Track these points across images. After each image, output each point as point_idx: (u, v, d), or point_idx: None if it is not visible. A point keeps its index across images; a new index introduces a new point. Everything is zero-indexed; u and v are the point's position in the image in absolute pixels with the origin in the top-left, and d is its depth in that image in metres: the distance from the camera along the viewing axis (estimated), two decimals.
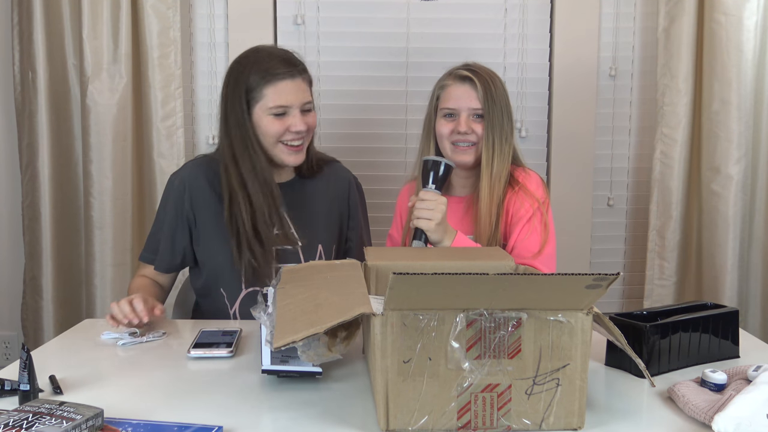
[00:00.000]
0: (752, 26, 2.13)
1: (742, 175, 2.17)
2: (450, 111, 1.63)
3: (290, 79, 1.50)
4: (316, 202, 1.64)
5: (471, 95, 1.61)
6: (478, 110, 1.61)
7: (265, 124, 1.51)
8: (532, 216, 1.59)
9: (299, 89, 1.52)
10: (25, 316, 2.33)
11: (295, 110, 1.51)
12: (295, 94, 1.51)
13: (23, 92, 2.24)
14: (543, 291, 0.89)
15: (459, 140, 1.62)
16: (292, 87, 1.51)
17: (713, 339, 1.22)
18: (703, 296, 2.23)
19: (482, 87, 1.60)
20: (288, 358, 1.10)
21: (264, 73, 1.50)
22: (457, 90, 1.63)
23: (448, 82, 1.65)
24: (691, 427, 0.95)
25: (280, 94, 1.50)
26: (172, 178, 1.63)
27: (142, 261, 1.65)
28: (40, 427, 0.84)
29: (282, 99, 1.50)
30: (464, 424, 0.92)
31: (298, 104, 1.51)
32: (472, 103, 1.61)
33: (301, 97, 1.52)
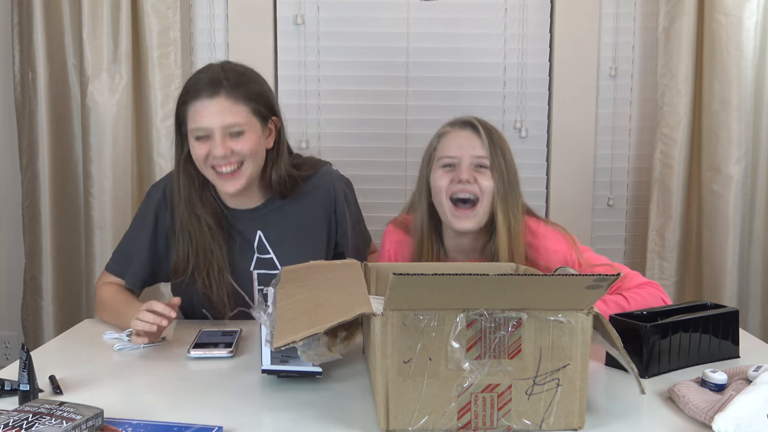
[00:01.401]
0: (752, 26, 2.13)
1: (742, 175, 2.17)
2: (449, 160, 1.43)
3: (208, 99, 1.36)
4: (294, 222, 1.54)
5: (474, 142, 1.42)
6: (482, 158, 1.41)
7: (192, 148, 1.41)
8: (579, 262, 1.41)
9: (221, 110, 1.36)
10: (25, 316, 2.33)
11: (217, 134, 1.36)
12: (213, 116, 1.36)
13: (23, 92, 2.24)
14: (543, 291, 0.89)
15: (459, 191, 1.41)
16: (211, 109, 1.36)
17: (713, 339, 1.22)
18: (703, 296, 2.22)
19: (486, 133, 1.42)
20: (288, 358, 1.10)
21: (187, 92, 1.40)
22: (458, 137, 1.44)
23: (447, 129, 1.48)
24: (691, 427, 0.95)
25: (196, 115, 1.37)
26: (152, 190, 1.57)
27: (110, 273, 1.56)
28: (40, 427, 0.84)
29: (198, 121, 1.37)
30: (464, 424, 0.92)
31: (218, 127, 1.36)
32: (475, 150, 1.41)
33: (220, 118, 1.36)
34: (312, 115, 2.40)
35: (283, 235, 1.54)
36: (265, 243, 1.53)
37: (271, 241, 1.54)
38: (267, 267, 1.54)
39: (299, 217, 1.55)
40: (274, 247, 1.54)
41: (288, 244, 1.53)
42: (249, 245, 1.53)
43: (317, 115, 2.41)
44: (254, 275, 1.54)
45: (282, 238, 1.54)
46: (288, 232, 1.54)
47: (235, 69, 1.42)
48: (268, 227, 1.53)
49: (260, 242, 1.53)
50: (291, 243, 1.53)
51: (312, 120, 2.40)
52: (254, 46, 2.35)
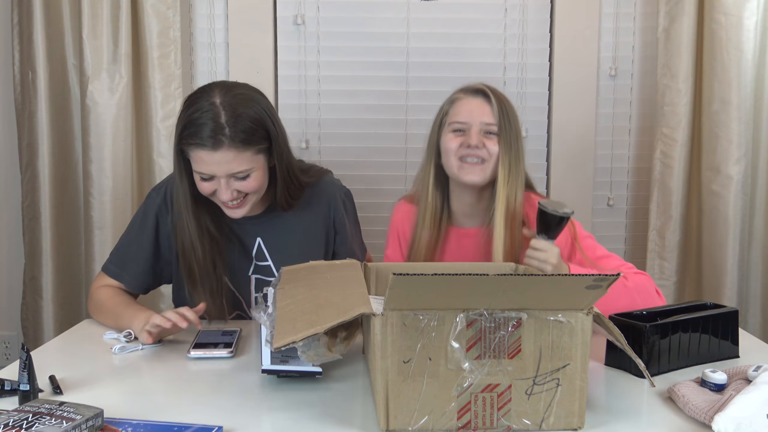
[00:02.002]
0: (752, 26, 2.13)
1: (742, 175, 2.17)
2: (460, 125, 1.50)
3: (210, 151, 1.33)
4: (293, 231, 1.55)
5: (484, 109, 1.49)
6: (491, 125, 1.48)
7: (197, 183, 1.41)
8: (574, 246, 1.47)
9: (222, 161, 1.34)
10: (25, 316, 2.33)
11: (222, 180, 1.37)
12: (218, 166, 1.35)
13: (23, 92, 2.24)
14: (543, 291, 0.89)
15: (468, 155, 1.48)
16: (214, 158, 1.34)
17: (713, 339, 1.22)
18: (703, 296, 2.23)
19: (497, 101, 1.49)
20: (288, 358, 1.10)
21: (188, 135, 1.35)
22: (470, 103, 1.51)
23: (459, 95, 1.54)
24: (691, 427, 0.95)
25: (200, 162, 1.36)
26: (152, 193, 1.56)
27: (107, 274, 1.55)
28: (40, 427, 0.84)
29: (202, 167, 1.36)
30: (464, 424, 0.92)
31: (223, 175, 1.36)
32: (484, 117, 1.48)
33: (227, 168, 1.35)
34: (312, 115, 2.40)
35: (283, 242, 1.54)
36: (264, 250, 1.54)
37: (270, 249, 1.54)
38: (265, 274, 1.54)
39: (299, 225, 1.55)
40: (273, 255, 1.54)
41: (287, 252, 1.53)
42: (247, 252, 1.54)
43: (317, 115, 2.41)
44: (252, 280, 1.54)
45: (281, 245, 1.54)
46: (287, 240, 1.54)
47: (233, 107, 1.35)
48: (268, 234, 1.54)
49: (259, 249, 1.54)
50: (290, 251, 1.53)
51: (312, 120, 2.40)
52: (254, 46, 2.35)
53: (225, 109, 1.34)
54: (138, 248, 1.53)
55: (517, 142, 1.50)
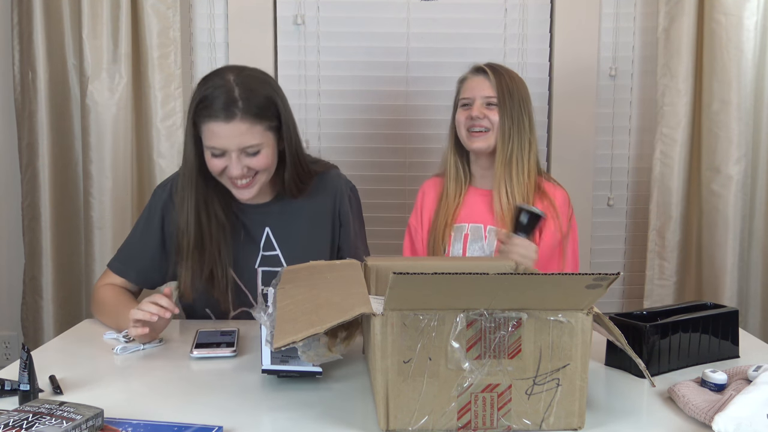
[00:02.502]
0: (752, 26, 2.13)
1: (742, 175, 2.17)
2: (465, 101, 1.72)
3: (224, 122, 1.37)
4: (302, 220, 1.56)
5: (484, 84, 1.70)
6: (491, 98, 1.68)
7: (207, 160, 1.43)
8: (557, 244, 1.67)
9: (234, 133, 1.37)
10: (25, 316, 2.33)
11: (233, 154, 1.39)
12: (228, 139, 1.38)
13: (23, 92, 2.24)
14: (543, 291, 0.89)
15: (473, 125, 1.69)
16: (226, 131, 1.37)
17: (713, 339, 1.22)
18: (703, 296, 2.23)
19: (495, 77, 1.69)
20: (288, 358, 1.10)
21: (203, 109, 1.39)
22: (472, 81, 1.73)
23: (466, 75, 1.76)
24: (691, 427, 0.95)
25: (212, 136, 1.39)
26: (158, 190, 1.57)
27: (112, 270, 1.57)
28: (40, 427, 0.84)
29: (214, 141, 1.39)
30: (464, 424, 0.92)
31: (235, 148, 1.39)
32: (485, 91, 1.69)
33: (237, 142, 1.38)
34: (312, 115, 2.40)
35: (291, 231, 1.55)
36: (272, 240, 1.55)
37: (278, 238, 1.55)
38: (272, 264, 1.54)
39: (307, 213, 1.57)
40: (281, 244, 1.55)
41: (295, 241, 1.55)
42: (255, 242, 1.54)
43: (317, 115, 2.41)
44: (258, 273, 1.54)
45: (289, 234, 1.55)
46: (296, 229, 1.55)
47: (246, 84, 1.40)
48: (276, 224, 1.55)
49: (267, 239, 1.54)
50: (298, 240, 1.55)
51: (312, 120, 2.40)
52: (254, 46, 2.35)
53: (238, 86, 1.39)
54: (143, 244, 1.54)
55: (520, 111, 1.69)
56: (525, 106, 1.71)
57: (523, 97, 1.72)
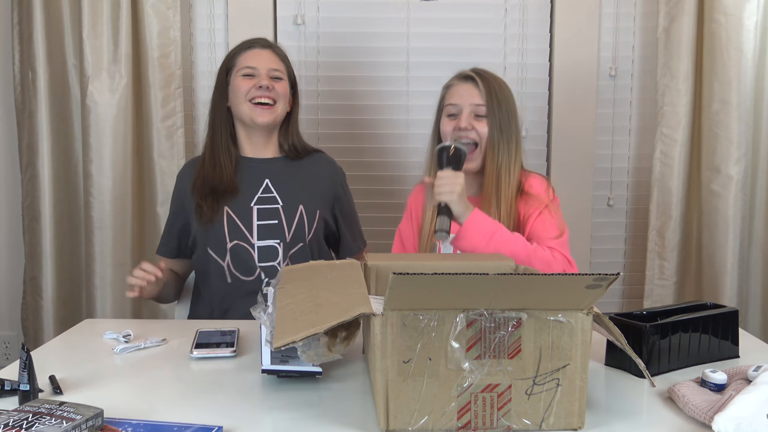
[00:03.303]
0: (752, 26, 2.13)
1: (742, 175, 2.17)
2: (453, 109, 1.64)
3: (260, 48, 1.73)
4: (300, 175, 1.75)
5: (473, 92, 1.61)
6: (480, 106, 1.61)
7: (237, 84, 1.69)
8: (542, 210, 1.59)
9: (267, 58, 1.72)
10: (25, 316, 2.33)
11: (262, 71, 1.69)
12: (261, 60, 1.70)
13: (23, 92, 2.24)
14: (543, 291, 0.89)
15: (460, 137, 1.61)
16: (260, 54, 1.71)
17: (713, 339, 1.22)
18: (703, 296, 2.23)
19: (484, 85, 1.61)
20: (288, 358, 1.10)
21: (241, 45, 1.74)
22: (460, 88, 1.64)
23: (453, 81, 1.67)
24: (691, 427, 0.95)
25: (248, 58, 1.71)
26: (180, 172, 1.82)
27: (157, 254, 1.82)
28: (40, 427, 0.84)
29: (249, 61, 1.70)
30: (464, 424, 0.92)
31: (264, 68, 1.70)
32: (473, 99, 1.61)
33: (267, 63, 1.71)
34: (312, 115, 2.40)
35: (290, 181, 1.73)
36: (270, 186, 1.72)
37: (276, 185, 1.72)
38: (268, 203, 1.70)
39: (306, 174, 1.76)
40: (279, 189, 1.72)
41: (292, 187, 1.72)
42: (254, 190, 1.71)
43: (317, 115, 2.41)
44: (254, 210, 1.68)
45: (288, 183, 1.73)
46: (294, 181, 1.73)
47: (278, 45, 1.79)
48: (276, 176, 1.73)
49: (266, 187, 1.72)
50: (294, 185, 1.73)
51: (312, 120, 2.40)
52: None
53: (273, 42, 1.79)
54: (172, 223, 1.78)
55: (509, 122, 1.62)
56: (513, 114, 1.63)
57: (511, 104, 1.64)
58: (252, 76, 1.69)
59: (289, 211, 1.68)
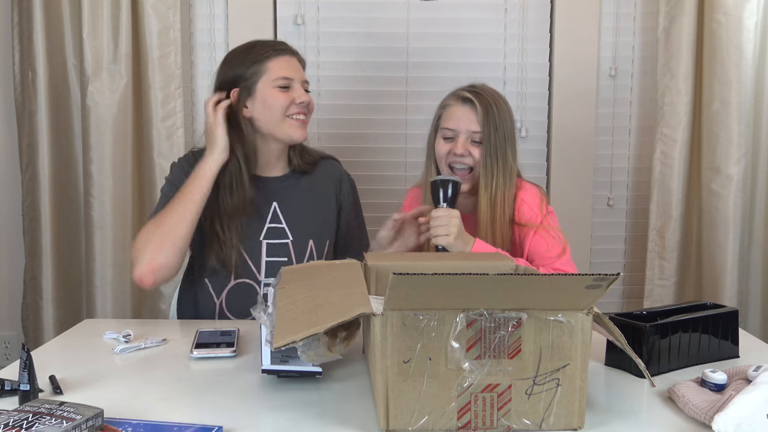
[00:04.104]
0: (752, 26, 2.13)
1: (742, 175, 2.17)
2: (449, 133, 1.61)
3: (290, 55, 1.59)
4: (308, 197, 1.64)
5: (471, 117, 1.59)
6: (476, 133, 1.58)
7: (272, 97, 1.54)
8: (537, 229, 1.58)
9: (298, 67, 1.60)
10: (25, 316, 2.33)
11: (297, 83, 1.57)
12: (296, 69, 1.58)
13: (23, 92, 2.24)
14: (543, 291, 0.89)
15: (455, 162, 1.61)
16: (292, 63, 1.58)
17: (713, 339, 1.22)
18: (703, 296, 2.23)
19: (483, 110, 1.58)
20: (288, 358, 1.10)
21: (267, 49, 1.56)
22: (458, 111, 1.61)
23: (450, 102, 1.64)
24: (691, 427, 0.95)
25: (283, 66, 1.55)
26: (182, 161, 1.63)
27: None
28: (40, 427, 0.84)
29: (286, 71, 1.55)
30: (464, 424, 0.92)
31: (299, 79, 1.58)
32: (471, 125, 1.59)
33: (301, 74, 1.60)
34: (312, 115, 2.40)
35: (298, 207, 1.63)
36: (279, 213, 1.61)
37: (284, 212, 1.61)
38: (277, 236, 1.59)
39: (313, 192, 1.66)
40: (287, 218, 1.61)
41: (301, 215, 1.62)
42: (261, 217, 1.59)
43: (317, 115, 2.41)
44: (263, 245, 1.58)
45: (296, 210, 1.62)
46: (302, 205, 1.63)
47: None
48: (284, 199, 1.62)
49: (274, 213, 1.61)
50: (304, 214, 1.63)
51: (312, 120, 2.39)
52: None
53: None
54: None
55: (504, 146, 1.59)
56: (509, 135, 1.60)
57: (508, 125, 1.60)
58: (287, 89, 1.55)
59: (299, 248, 1.60)
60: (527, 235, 1.58)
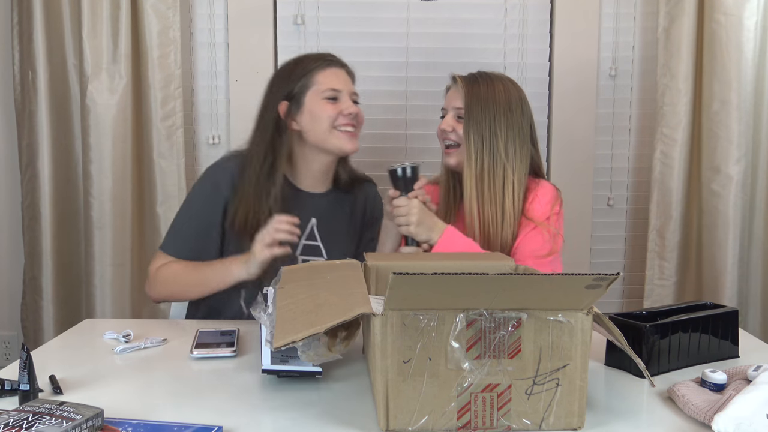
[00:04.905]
0: (752, 26, 2.13)
1: (742, 175, 2.17)
2: (443, 111, 1.65)
3: (338, 68, 1.59)
4: (345, 218, 1.65)
5: (455, 95, 1.60)
6: (460, 109, 1.58)
7: (320, 109, 1.53)
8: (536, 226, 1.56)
9: (347, 79, 1.60)
10: (25, 316, 2.33)
11: (345, 95, 1.56)
12: (344, 81, 1.58)
13: (23, 92, 2.24)
14: (543, 291, 0.89)
15: (444, 139, 1.63)
16: (340, 75, 1.58)
17: (713, 339, 1.22)
18: (703, 296, 2.22)
19: (465, 87, 1.58)
20: (288, 358, 1.10)
21: (314, 61, 1.57)
22: (450, 91, 1.66)
23: (448, 84, 1.67)
24: (691, 427, 0.95)
25: (331, 78, 1.56)
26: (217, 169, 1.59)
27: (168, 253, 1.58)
28: (40, 427, 0.84)
29: (334, 82, 1.55)
30: (464, 424, 0.92)
31: (347, 91, 1.57)
32: (455, 102, 1.60)
33: (349, 86, 1.59)
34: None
35: (335, 227, 1.63)
36: (315, 232, 1.61)
37: (321, 231, 1.61)
38: (311, 254, 1.60)
39: (351, 212, 1.67)
40: (323, 237, 1.61)
41: (336, 236, 1.62)
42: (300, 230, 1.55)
43: None
44: (299, 261, 1.58)
45: (333, 230, 1.62)
46: (339, 225, 1.64)
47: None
48: (323, 216, 1.62)
49: (311, 230, 1.60)
50: (339, 235, 1.63)
51: None
52: (254, 46, 2.35)
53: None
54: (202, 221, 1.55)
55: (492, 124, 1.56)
56: (502, 118, 1.56)
57: (503, 108, 1.56)
58: (335, 100, 1.55)
59: None
60: (525, 227, 1.57)
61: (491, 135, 1.56)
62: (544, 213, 1.58)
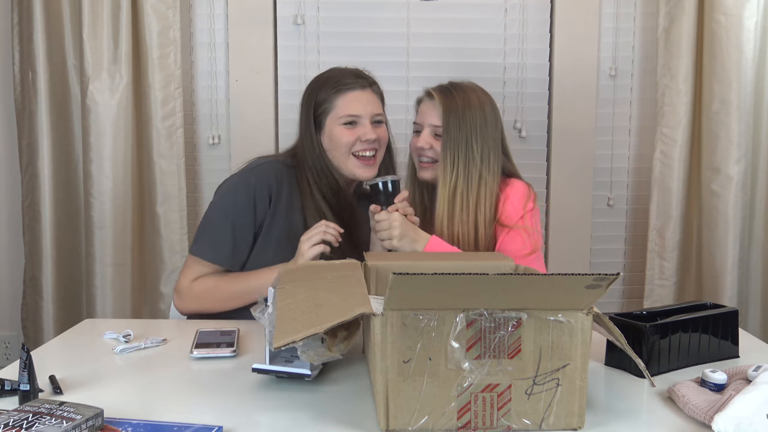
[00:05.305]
0: (752, 26, 2.13)
1: (742, 175, 2.17)
2: (416, 127, 1.64)
3: (360, 90, 1.56)
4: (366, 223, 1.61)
5: (432, 112, 1.59)
6: (438, 127, 1.58)
7: (337, 135, 1.54)
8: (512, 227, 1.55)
9: (369, 101, 1.57)
10: (25, 316, 2.33)
11: (365, 120, 1.55)
12: (364, 105, 1.55)
13: (23, 92, 2.25)
14: (543, 291, 0.89)
15: (421, 155, 1.62)
16: (362, 97, 1.56)
17: (713, 339, 1.22)
18: (703, 296, 2.23)
19: (443, 104, 1.57)
20: (293, 357, 1.10)
21: (335, 84, 1.56)
22: (424, 106, 1.64)
23: (421, 97, 1.67)
24: (691, 427, 0.95)
25: (349, 103, 1.54)
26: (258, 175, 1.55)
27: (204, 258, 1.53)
28: (40, 427, 0.84)
29: (351, 108, 1.54)
30: (464, 424, 0.92)
31: (367, 114, 1.55)
32: (432, 119, 1.59)
33: (371, 109, 1.56)
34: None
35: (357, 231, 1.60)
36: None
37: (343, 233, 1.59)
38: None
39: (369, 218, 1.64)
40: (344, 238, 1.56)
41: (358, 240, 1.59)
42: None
43: None
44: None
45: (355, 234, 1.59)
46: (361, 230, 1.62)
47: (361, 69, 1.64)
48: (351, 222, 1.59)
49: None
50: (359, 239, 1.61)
51: None
52: (254, 46, 2.35)
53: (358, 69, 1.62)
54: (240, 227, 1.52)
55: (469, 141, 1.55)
56: (478, 134, 1.56)
57: (476, 123, 1.56)
58: (353, 124, 1.55)
59: None
60: (501, 232, 1.57)
61: (467, 151, 1.56)
62: (517, 213, 1.57)
